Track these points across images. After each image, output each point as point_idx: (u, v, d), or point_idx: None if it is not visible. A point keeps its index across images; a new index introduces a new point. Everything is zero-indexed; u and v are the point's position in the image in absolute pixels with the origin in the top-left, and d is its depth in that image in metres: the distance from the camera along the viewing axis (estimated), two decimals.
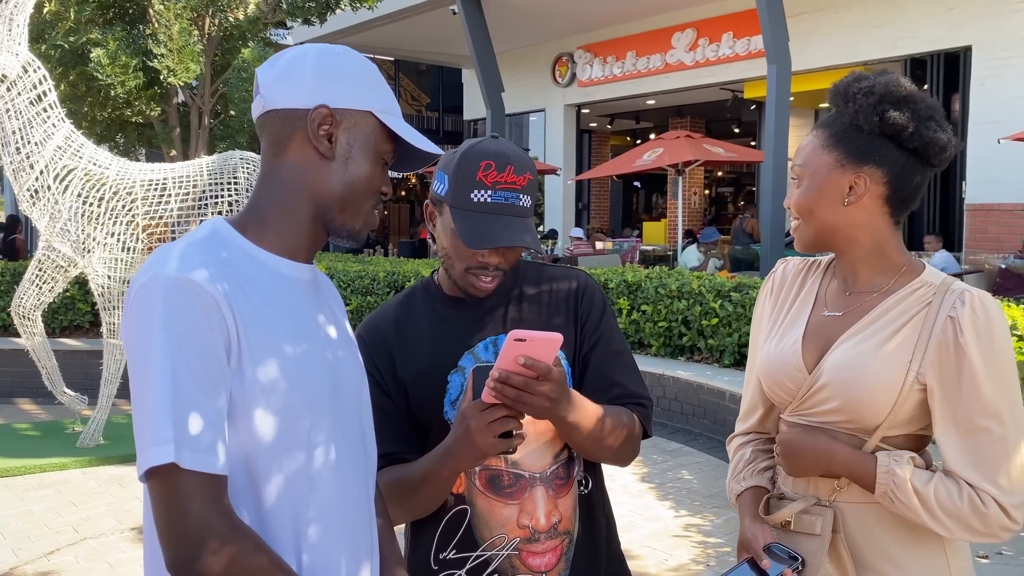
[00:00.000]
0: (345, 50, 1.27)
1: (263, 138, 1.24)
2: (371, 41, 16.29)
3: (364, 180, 1.23)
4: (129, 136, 10.08)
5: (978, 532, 1.37)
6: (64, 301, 8.44)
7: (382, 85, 1.27)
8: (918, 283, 1.45)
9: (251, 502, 1.13)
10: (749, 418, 1.70)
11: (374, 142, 1.24)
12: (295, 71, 1.22)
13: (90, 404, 6.21)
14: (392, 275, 8.54)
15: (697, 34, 13.89)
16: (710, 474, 5.37)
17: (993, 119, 9.44)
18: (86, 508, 4.80)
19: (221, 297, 1.09)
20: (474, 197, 1.45)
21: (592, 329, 1.58)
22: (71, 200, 5.43)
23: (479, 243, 1.43)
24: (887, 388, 1.39)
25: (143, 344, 1.06)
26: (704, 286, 7.03)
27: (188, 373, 1.05)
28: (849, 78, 1.49)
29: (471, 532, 1.50)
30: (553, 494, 1.51)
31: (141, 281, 1.09)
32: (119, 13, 8.94)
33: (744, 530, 1.54)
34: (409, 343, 1.57)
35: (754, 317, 1.70)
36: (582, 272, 1.67)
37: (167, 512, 1.04)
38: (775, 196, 9.36)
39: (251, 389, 1.11)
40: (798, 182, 1.50)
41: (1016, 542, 3.49)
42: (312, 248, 1.25)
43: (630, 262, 12.13)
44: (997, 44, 10.23)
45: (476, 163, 1.45)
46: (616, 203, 20.08)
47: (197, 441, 1.04)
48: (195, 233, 1.19)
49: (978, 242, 10.47)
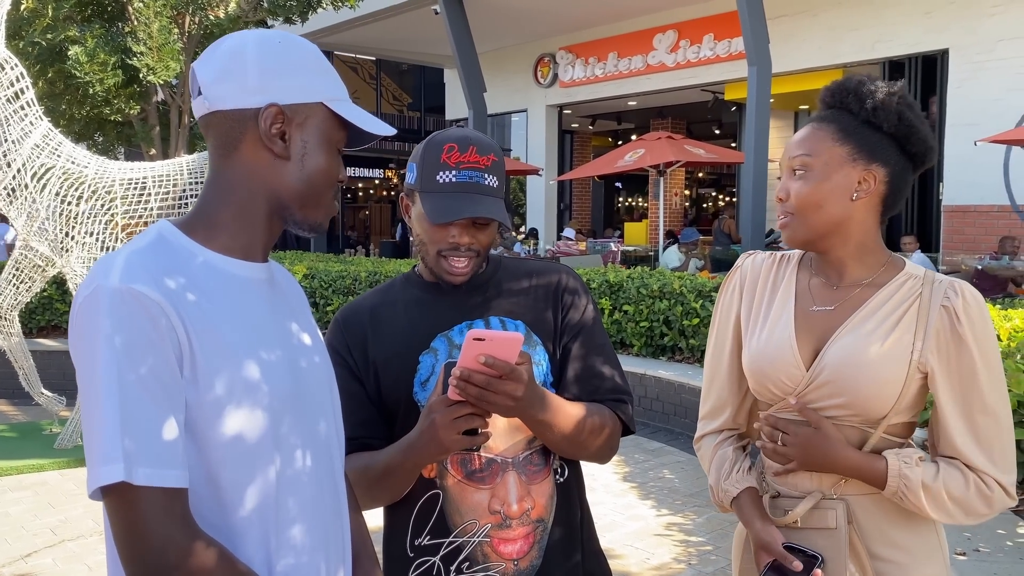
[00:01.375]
0: (285, 37, 1.20)
1: (208, 138, 1.19)
2: (353, 41, 16.25)
3: (323, 173, 1.19)
4: (108, 135, 10.00)
5: (980, 515, 1.44)
6: (42, 301, 8.35)
7: (327, 69, 1.22)
8: (904, 276, 1.50)
9: (216, 513, 1.09)
10: (718, 416, 1.68)
11: (327, 132, 1.20)
12: (237, 67, 1.15)
13: (68, 405, 6.15)
14: (374, 275, 8.52)
15: (678, 36, 13.97)
16: (691, 473, 5.40)
17: (969, 121, 9.56)
18: (64, 510, 4.75)
19: (168, 306, 1.05)
20: (439, 179, 1.47)
21: (574, 321, 1.58)
22: (49, 199, 5.37)
23: (444, 217, 1.44)
24: (892, 379, 1.43)
25: (88, 361, 1.03)
26: (685, 286, 7.07)
27: (138, 387, 1.01)
28: (854, 79, 1.51)
29: (444, 518, 1.49)
30: (526, 480, 1.50)
31: (84, 294, 1.05)
32: (97, 10, 8.87)
33: (759, 533, 1.50)
34: (384, 325, 1.57)
35: (718, 312, 1.68)
36: (565, 266, 1.68)
37: (126, 530, 1.01)
38: (755, 196, 9.43)
39: (207, 398, 1.07)
40: (803, 173, 1.48)
41: (992, 538, 3.53)
42: (268, 246, 1.22)
43: (612, 262, 12.17)
44: (973, 47, 10.36)
45: (440, 147, 1.49)
46: (598, 204, 20.15)
47: (151, 456, 1.00)
48: (140, 239, 1.13)
49: (955, 243, 10.60)
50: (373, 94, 23.62)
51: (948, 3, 10.53)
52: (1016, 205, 10.13)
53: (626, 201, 25.35)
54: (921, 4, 10.78)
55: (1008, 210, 10.18)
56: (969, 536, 3.50)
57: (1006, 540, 3.54)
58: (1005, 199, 10.19)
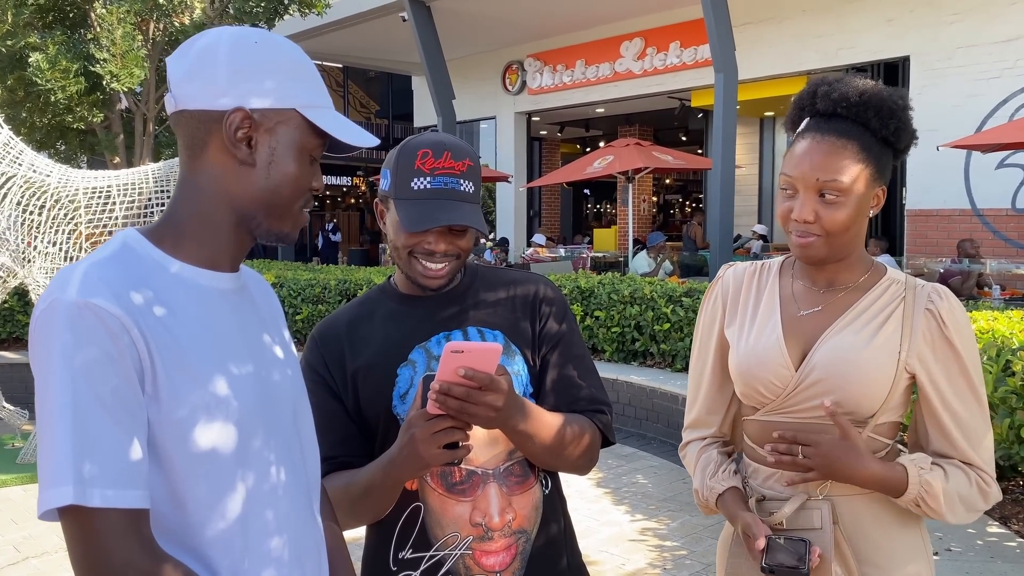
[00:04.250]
0: (263, 36, 1.14)
1: (178, 138, 1.14)
2: (320, 48, 16.15)
3: (290, 183, 1.14)
4: (71, 143, 9.83)
5: (979, 512, 1.49)
6: (3, 313, 8.18)
7: (306, 73, 1.15)
8: (888, 280, 1.54)
9: (182, 532, 1.05)
10: (702, 425, 1.69)
11: (299, 140, 1.13)
12: (207, 66, 1.10)
13: (31, 419, 6.02)
14: (344, 283, 8.46)
15: (645, 43, 14.06)
16: (664, 478, 5.41)
17: (931, 127, 9.71)
18: (27, 527, 4.64)
19: (129, 320, 1.00)
20: (414, 185, 1.44)
21: (552, 332, 1.56)
22: (10, 208, 5.26)
23: (418, 225, 1.41)
24: (881, 377, 1.46)
25: (43, 379, 0.98)
26: (656, 291, 7.10)
27: (96, 405, 0.97)
28: (882, 92, 1.47)
29: (425, 531, 1.47)
30: (507, 491, 1.48)
31: (41, 308, 1.00)
32: (59, 16, 8.72)
33: (747, 522, 1.49)
34: (361, 338, 1.54)
35: (700, 323, 1.70)
36: (542, 276, 1.67)
37: (83, 553, 0.97)
38: (723, 202, 9.50)
39: (171, 415, 1.02)
40: (836, 197, 1.44)
41: (964, 537, 3.58)
42: (237, 255, 1.17)
43: (582, 268, 12.20)
44: (933, 54, 10.55)
45: (414, 153, 1.46)
46: (567, 210, 20.20)
47: (109, 476, 0.96)
48: (103, 249, 1.09)
49: (918, 247, 10.77)
50: (341, 101, 23.51)
51: (909, 12, 10.71)
52: (977, 209, 10.32)
53: (595, 208, 25.46)
54: (883, 12, 10.96)
55: (969, 214, 10.37)
56: (941, 536, 3.54)
57: (976, 539, 3.59)
58: (967, 203, 10.38)
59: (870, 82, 1.50)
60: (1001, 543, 3.54)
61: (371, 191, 26.67)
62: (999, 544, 3.53)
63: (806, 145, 1.47)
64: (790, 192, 1.49)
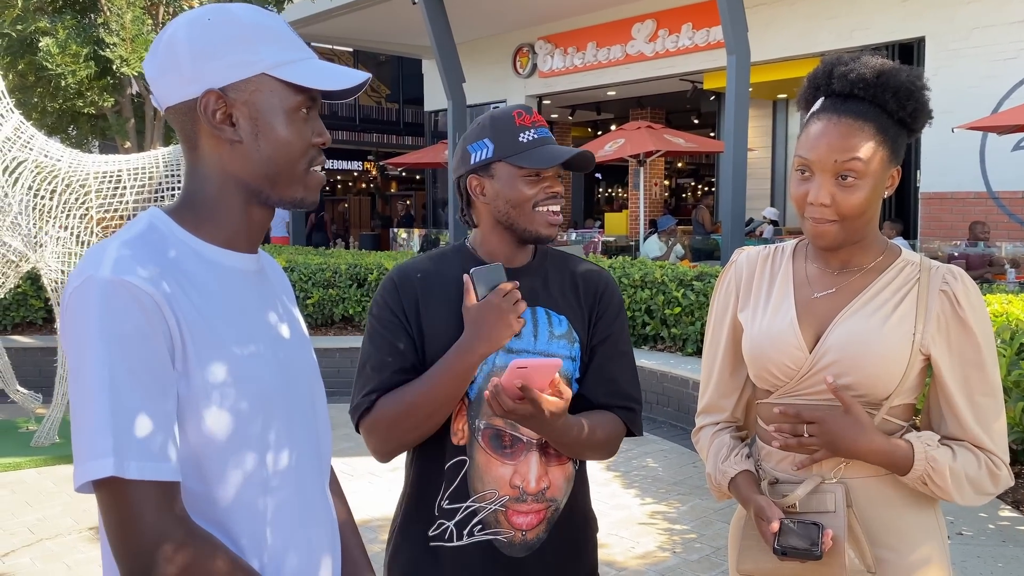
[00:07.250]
0: (216, 10, 1.12)
1: (176, 133, 1.17)
2: (329, 31, 16.11)
3: (282, 148, 1.13)
4: (81, 127, 9.83)
5: (988, 495, 1.47)
6: (16, 297, 8.23)
7: (269, 33, 1.13)
8: (902, 262, 1.52)
9: (206, 505, 1.08)
10: (715, 410, 1.69)
11: (279, 102, 1.12)
12: (171, 58, 1.11)
13: (44, 402, 6.07)
14: (354, 267, 8.46)
15: (657, 25, 13.95)
16: (675, 461, 5.41)
17: (946, 109, 9.60)
18: (42, 508, 4.68)
19: (161, 298, 1.03)
20: (522, 138, 1.58)
21: (606, 326, 1.66)
22: (21, 193, 5.27)
23: (550, 162, 1.55)
24: (897, 358, 1.44)
25: (78, 354, 1.01)
26: (667, 275, 7.07)
27: (130, 379, 0.99)
28: (900, 73, 1.44)
29: (465, 483, 1.58)
30: (546, 461, 1.60)
31: (74, 285, 1.03)
32: (68, 1, 8.71)
33: (760, 504, 1.47)
34: (435, 295, 1.61)
35: (714, 308, 1.69)
36: (606, 271, 1.75)
37: (118, 523, 0.99)
38: (735, 185, 9.44)
39: (198, 391, 1.06)
40: (854, 180, 1.43)
41: (975, 521, 3.56)
42: (254, 235, 1.19)
43: (593, 252, 12.16)
44: (949, 35, 10.42)
45: (509, 115, 1.61)
46: (578, 194, 20.14)
47: (143, 449, 0.99)
48: (131, 228, 1.11)
49: (932, 230, 10.69)
50: None
51: None
52: (992, 191, 10.22)
53: (606, 192, 25.37)
54: None
55: (985, 196, 10.27)
56: (952, 520, 3.53)
57: (988, 523, 3.57)
58: (982, 186, 10.28)
59: (887, 61, 1.47)
60: (1013, 527, 3.52)
61: (382, 175, 26.66)
62: (1011, 528, 3.51)
63: (822, 127, 1.44)
64: (807, 175, 1.47)
